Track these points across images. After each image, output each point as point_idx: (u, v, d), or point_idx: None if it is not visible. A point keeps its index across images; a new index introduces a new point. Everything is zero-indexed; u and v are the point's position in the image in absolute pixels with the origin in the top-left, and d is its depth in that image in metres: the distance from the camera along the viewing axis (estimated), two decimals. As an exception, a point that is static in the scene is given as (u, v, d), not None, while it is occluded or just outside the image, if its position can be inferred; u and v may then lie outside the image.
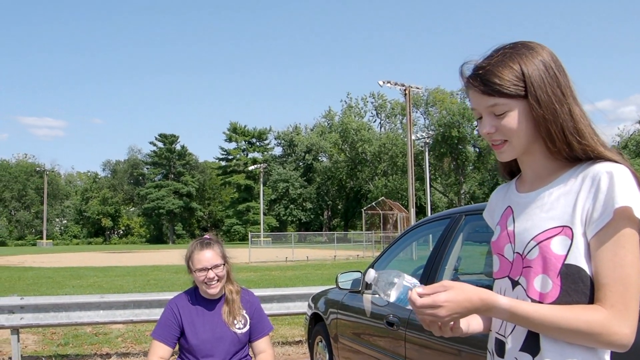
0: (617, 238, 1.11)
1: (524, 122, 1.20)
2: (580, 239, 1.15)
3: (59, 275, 19.48)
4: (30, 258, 35.57)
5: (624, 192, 1.11)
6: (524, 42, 1.26)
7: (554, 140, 1.20)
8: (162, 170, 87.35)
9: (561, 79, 1.22)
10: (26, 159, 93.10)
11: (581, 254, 1.15)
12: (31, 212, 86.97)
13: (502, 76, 1.19)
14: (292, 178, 78.52)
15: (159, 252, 45.10)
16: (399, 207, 43.49)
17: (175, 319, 2.73)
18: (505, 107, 1.20)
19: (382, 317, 3.43)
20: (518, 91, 1.19)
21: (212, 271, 2.67)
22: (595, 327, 1.09)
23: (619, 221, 1.11)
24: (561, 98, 1.20)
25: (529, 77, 1.19)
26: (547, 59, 1.22)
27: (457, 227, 3.06)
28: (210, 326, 2.72)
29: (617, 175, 1.13)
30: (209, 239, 2.79)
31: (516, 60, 1.20)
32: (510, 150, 1.24)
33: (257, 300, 2.91)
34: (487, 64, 1.22)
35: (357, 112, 75.49)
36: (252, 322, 2.81)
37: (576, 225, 1.16)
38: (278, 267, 24.22)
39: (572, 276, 1.15)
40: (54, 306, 6.21)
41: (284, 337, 7.59)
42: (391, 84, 30.89)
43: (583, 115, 1.23)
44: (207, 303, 2.78)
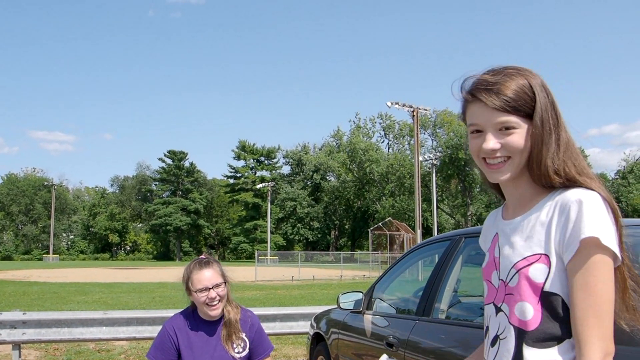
0: (587, 267, 1.12)
1: (528, 142, 1.21)
2: (557, 266, 1.17)
3: (64, 291, 19.50)
4: (35, 273, 35.65)
5: (591, 222, 1.12)
6: (518, 66, 1.27)
7: (540, 164, 1.21)
8: (170, 186, 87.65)
9: (555, 103, 1.24)
10: (34, 173, 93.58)
11: (558, 282, 1.17)
12: (38, 227, 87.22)
13: (518, 93, 1.20)
14: (300, 197, 78.53)
15: (166, 269, 45.09)
16: (406, 227, 43.33)
17: (171, 342, 2.65)
18: (516, 125, 1.21)
19: (382, 337, 3.42)
20: (529, 110, 1.21)
21: (214, 290, 2.58)
22: None
23: (589, 250, 1.11)
24: (556, 122, 1.22)
25: (538, 97, 1.21)
26: (543, 83, 1.25)
27: (457, 249, 3.06)
28: (208, 350, 2.64)
29: (585, 204, 1.14)
30: (206, 258, 2.72)
31: (526, 80, 1.22)
32: (511, 169, 1.23)
33: (258, 321, 2.83)
34: (499, 80, 1.22)
35: (365, 133, 75.70)
36: (253, 344, 2.74)
37: (552, 253, 1.18)
38: (284, 286, 24.12)
39: (552, 303, 1.17)
40: (57, 322, 6.21)
41: (287, 356, 7.55)
42: (399, 105, 31.06)
43: (569, 142, 1.24)
44: (206, 325, 2.69)
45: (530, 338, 1.20)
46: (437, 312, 3.04)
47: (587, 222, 1.12)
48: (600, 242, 1.11)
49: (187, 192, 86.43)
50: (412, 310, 3.35)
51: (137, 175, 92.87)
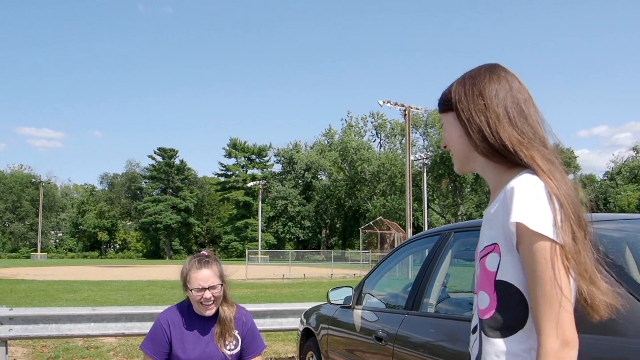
0: (531, 254, 1.12)
1: (456, 132, 1.33)
2: (508, 254, 1.18)
3: (52, 289, 19.34)
4: (23, 271, 35.33)
5: (519, 208, 1.13)
6: (483, 65, 1.37)
7: (477, 144, 1.28)
8: (160, 184, 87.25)
9: (487, 92, 1.29)
10: (22, 170, 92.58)
11: (510, 270, 1.18)
12: (25, 224, 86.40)
13: (445, 93, 1.37)
14: (291, 196, 78.49)
15: (156, 267, 44.86)
16: (397, 227, 43.46)
17: (164, 335, 2.66)
18: (445, 120, 1.37)
19: (372, 332, 3.42)
20: (448, 104, 1.35)
21: (209, 291, 2.58)
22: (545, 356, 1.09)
23: (528, 237, 1.12)
24: (480, 109, 1.28)
25: (455, 93, 1.33)
26: (473, 75, 1.33)
27: (446, 244, 3.06)
28: (199, 345, 2.65)
29: (516, 190, 1.16)
30: (207, 257, 2.71)
31: (455, 81, 1.36)
32: (455, 159, 1.37)
33: (251, 319, 2.84)
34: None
35: (357, 132, 75.78)
36: (245, 342, 2.74)
37: (502, 241, 1.19)
38: (274, 284, 24.09)
39: (504, 291, 1.19)
40: (44, 318, 6.15)
41: (277, 353, 7.54)
42: (391, 103, 31.10)
43: (507, 127, 1.25)
44: (199, 321, 2.70)
45: (486, 327, 1.22)
46: (426, 306, 3.05)
47: (515, 208, 1.14)
48: (529, 228, 1.11)
49: (178, 190, 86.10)
50: (402, 305, 3.35)
51: (127, 173, 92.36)
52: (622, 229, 2.64)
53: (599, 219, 2.57)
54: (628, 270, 2.18)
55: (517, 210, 1.13)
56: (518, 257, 1.17)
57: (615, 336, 1.80)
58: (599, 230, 2.33)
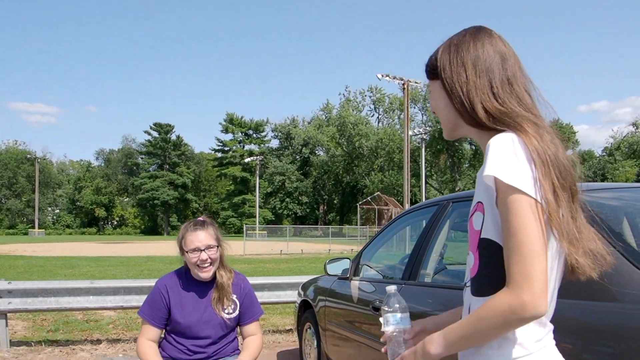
0: (507, 208, 1.11)
1: (442, 100, 1.31)
2: (491, 212, 1.17)
3: (50, 264, 19.42)
4: (21, 247, 35.43)
5: (493, 162, 1.13)
6: (469, 27, 1.33)
7: (463, 115, 1.26)
8: (156, 160, 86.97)
9: (470, 57, 1.26)
10: (16, 146, 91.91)
11: (492, 227, 1.17)
12: (22, 201, 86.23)
13: (430, 60, 1.35)
14: (289, 171, 78.44)
15: (154, 243, 45.06)
16: (394, 202, 43.60)
17: (162, 300, 2.67)
18: (432, 88, 1.35)
19: (369, 302, 3.44)
20: (434, 72, 1.32)
21: (205, 252, 2.60)
22: (500, 309, 1.08)
23: (505, 190, 1.11)
24: (462, 74, 1.26)
25: (440, 60, 1.30)
26: (459, 42, 1.30)
27: (444, 214, 3.05)
28: (198, 309, 2.66)
29: (492, 146, 1.15)
30: (203, 220, 2.73)
31: (442, 44, 1.33)
32: (444, 126, 1.35)
33: (249, 285, 2.86)
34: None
35: (355, 106, 75.38)
36: (243, 306, 2.76)
37: (485, 199, 1.19)
38: (272, 259, 24.23)
39: (486, 249, 1.18)
40: (43, 291, 6.18)
41: (275, 325, 7.61)
42: (390, 77, 30.82)
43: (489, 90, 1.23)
44: (197, 285, 2.71)
45: (473, 286, 1.23)
46: (424, 276, 3.05)
47: (490, 162, 1.13)
48: (503, 181, 1.10)
49: (174, 166, 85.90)
50: (399, 275, 3.36)
51: (123, 149, 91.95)
52: (620, 198, 2.65)
53: (596, 188, 2.57)
54: (625, 237, 2.18)
55: (491, 164, 1.13)
56: (498, 214, 1.15)
57: (611, 302, 1.81)
58: (597, 198, 2.34)
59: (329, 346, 4.25)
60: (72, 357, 5.94)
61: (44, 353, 6.03)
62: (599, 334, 1.81)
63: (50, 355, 5.99)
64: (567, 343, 1.89)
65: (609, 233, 2.01)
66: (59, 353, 6.06)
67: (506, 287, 1.09)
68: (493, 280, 1.15)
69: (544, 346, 1.17)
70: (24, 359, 5.82)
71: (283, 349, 6.34)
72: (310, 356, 4.78)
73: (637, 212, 2.72)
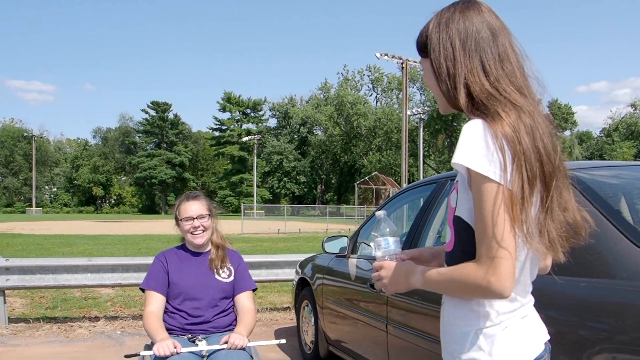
0: (478, 192, 1.15)
1: (432, 79, 1.30)
2: (464, 192, 1.23)
3: (48, 243, 19.45)
4: (19, 225, 35.42)
5: (461, 148, 1.16)
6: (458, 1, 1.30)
7: (447, 93, 1.26)
8: (154, 139, 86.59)
9: (459, 34, 1.23)
10: (13, 124, 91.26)
11: (463, 206, 1.23)
12: (19, 179, 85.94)
13: (421, 37, 1.31)
14: (287, 151, 78.28)
15: (151, 222, 45.13)
16: (392, 182, 43.61)
17: (163, 267, 2.85)
18: (425, 65, 1.33)
19: (366, 280, 3.45)
20: (424, 51, 1.30)
21: (198, 220, 2.82)
22: (467, 280, 1.16)
23: (474, 176, 1.15)
24: (450, 53, 1.23)
25: (429, 38, 1.28)
26: (448, 18, 1.26)
27: (442, 192, 3.05)
28: (195, 272, 2.84)
29: (463, 132, 1.18)
30: (196, 193, 2.98)
31: (430, 20, 1.30)
32: (439, 102, 1.33)
33: (242, 259, 3.04)
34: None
35: (353, 85, 74.91)
36: (237, 275, 2.92)
37: (460, 179, 1.24)
38: (270, 238, 24.33)
39: (459, 226, 1.25)
40: (40, 268, 6.18)
41: (272, 303, 7.65)
42: (389, 56, 30.57)
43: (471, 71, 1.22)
44: (194, 255, 2.92)
45: (448, 260, 1.31)
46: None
47: (459, 148, 1.17)
48: (471, 169, 1.14)
49: (172, 145, 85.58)
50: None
51: (120, 127, 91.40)
52: (618, 176, 2.64)
53: (594, 165, 2.56)
54: (623, 215, 2.18)
55: (460, 151, 1.16)
56: (471, 196, 1.19)
57: (609, 279, 1.81)
58: (595, 176, 2.33)
59: (327, 323, 4.27)
60: (71, 334, 5.97)
61: (42, 330, 6.07)
62: (596, 311, 1.81)
63: (49, 332, 6.02)
64: (564, 319, 1.89)
65: (605, 210, 2.00)
66: (57, 330, 6.09)
67: (476, 262, 1.16)
68: (465, 256, 1.21)
69: (511, 318, 1.24)
70: (22, 335, 5.85)
71: (280, 326, 6.39)
72: (307, 333, 4.81)
73: (635, 189, 2.73)
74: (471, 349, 1.24)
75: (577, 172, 2.27)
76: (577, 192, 2.08)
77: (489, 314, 1.23)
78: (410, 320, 2.86)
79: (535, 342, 1.27)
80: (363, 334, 3.56)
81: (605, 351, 1.71)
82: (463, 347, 1.25)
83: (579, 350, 1.78)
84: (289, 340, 5.44)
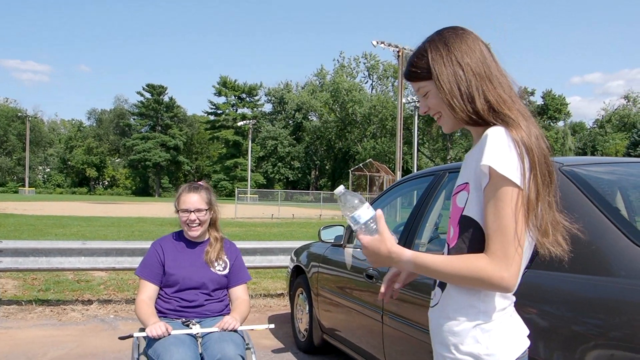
0: (497, 193, 1.24)
1: (438, 98, 1.38)
2: (475, 193, 1.32)
3: (41, 223, 19.37)
4: (11, 205, 35.27)
5: (490, 152, 1.25)
6: (445, 28, 1.42)
7: (455, 112, 1.35)
8: (149, 121, 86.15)
9: (463, 58, 1.34)
10: (7, 104, 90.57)
11: (474, 207, 1.31)
12: (13, 159, 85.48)
13: (416, 61, 1.40)
14: (281, 136, 78.09)
15: (145, 205, 45.02)
16: (386, 169, 43.66)
17: (158, 257, 2.84)
18: (427, 88, 1.40)
19: (362, 270, 3.46)
20: (427, 74, 1.38)
21: (194, 214, 2.81)
22: (478, 272, 1.24)
23: (496, 179, 1.24)
24: (460, 76, 1.34)
25: (432, 61, 1.36)
26: (447, 40, 1.37)
27: (440, 185, 3.04)
28: (191, 263, 2.84)
29: (490, 137, 1.28)
30: (199, 184, 2.94)
31: (424, 44, 1.40)
32: (447, 122, 1.41)
33: (239, 252, 3.04)
34: (412, 53, 1.43)
35: (349, 72, 74.65)
36: (233, 268, 2.92)
37: (472, 181, 1.33)
38: (263, 223, 24.34)
39: (466, 225, 1.33)
40: (34, 251, 6.15)
41: (266, 289, 7.67)
42: (385, 44, 30.44)
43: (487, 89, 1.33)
44: (191, 244, 2.91)
45: (450, 254, 1.36)
46: (418, 246, 3.06)
47: (487, 152, 1.26)
48: (497, 171, 1.23)
49: (167, 128, 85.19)
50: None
51: (115, 109, 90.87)
52: (613, 172, 2.65)
53: (590, 162, 2.56)
54: (620, 212, 2.18)
55: (488, 154, 1.25)
56: (483, 197, 1.29)
57: (608, 276, 1.82)
58: (592, 172, 2.33)
59: (321, 311, 4.29)
60: (63, 317, 5.97)
61: (35, 312, 6.06)
62: (591, 307, 1.82)
63: (41, 314, 6.01)
64: (558, 314, 1.90)
65: (604, 207, 2.01)
66: (50, 313, 6.08)
67: (488, 258, 1.24)
68: (465, 251, 1.31)
69: (504, 314, 1.34)
70: (15, 318, 5.83)
71: (274, 312, 6.41)
72: (302, 321, 4.83)
73: (630, 186, 2.74)
74: (470, 342, 1.31)
75: (575, 168, 2.27)
76: (574, 189, 2.10)
77: (488, 310, 1.32)
78: (407, 311, 2.87)
79: (523, 336, 1.37)
80: (358, 324, 3.57)
81: (600, 347, 1.73)
82: (462, 341, 1.32)
83: (573, 346, 1.80)
84: (283, 327, 5.47)
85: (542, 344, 1.88)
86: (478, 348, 1.30)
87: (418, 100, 1.48)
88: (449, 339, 1.34)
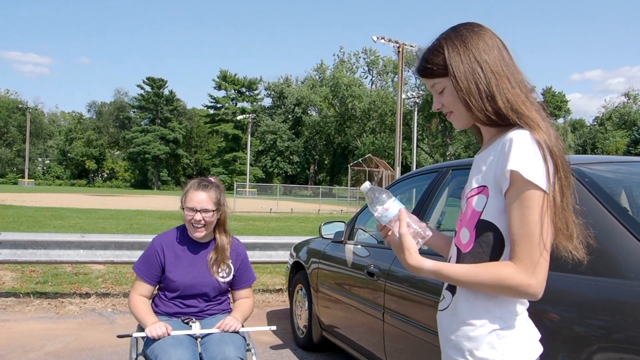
0: (522, 198, 1.22)
1: (451, 97, 1.36)
2: (495, 197, 1.29)
3: (40, 215, 19.34)
4: (11, 196, 35.20)
5: (516, 157, 1.23)
6: (461, 24, 1.39)
7: (472, 111, 1.32)
8: (148, 114, 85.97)
9: (481, 56, 1.32)
10: (8, 95, 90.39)
11: (494, 211, 1.29)
12: (13, 150, 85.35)
13: (431, 57, 1.37)
14: (281, 130, 77.98)
15: (144, 197, 44.96)
16: (385, 165, 43.64)
17: (158, 258, 2.70)
18: (442, 85, 1.37)
19: (363, 267, 3.43)
20: (443, 71, 1.35)
21: (200, 214, 2.63)
22: (505, 281, 1.22)
23: (520, 183, 1.22)
24: (479, 73, 1.31)
25: (449, 58, 1.33)
26: (464, 37, 1.34)
27: (443, 182, 3.01)
28: (192, 269, 2.69)
29: (515, 141, 1.25)
30: (208, 182, 2.73)
31: (439, 41, 1.37)
32: (460, 119, 1.39)
33: (245, 251, 2.90)
34: (425, 49, 1.41)
35: (349, 67, 74.45)
36: (237, 272, 2.79)
37: (491, 185, 1.30)
38: (262, 217, 24.32)
39: (484, 229, 1.30)
40: (33, 243, 6.12)
41: (265, 285, 7.65)
42: (385, 40, 30.42)
43: (506, 87, 1.30)
44: (195, 245, 2.74)
45: (464, 260, 1.34)
46: (420, 243, 3.02)
47: (513, 157, 1.23)
48: (523, 176, 1.21)
49: (166, 121, 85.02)
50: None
51: (115, 102, 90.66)
52: (616, 171, 2.63)
53: (594, 161, 2.53)
54: (630, 213, 2.16)
55: (514, 159, 1.22)
56: (503, 202, 1.26)
57: (617, 278, 1.79)
58: (596, 171, 2.30)
59: (321, 308, 4.26)
60: (61, 310, 5.94)
61: (32, 305, 6.03)
62: (600, 309, 1.79)
63: (39, 307, 5.98)
64: (567, 316, 1.88)
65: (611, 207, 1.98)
66: (48, 305, 6.05)
67: (514, 265, 1.22)
68: (483, 256, 1.30)
69: (520, 319, 1.32)
70: (12, 310, 5.80)
71: (273, 308, 6.39)
72: (301, 317, 4.80)
73: (635, 186, 2.71)
74: (486, 348, 1.29)
75: (582, 167, 2.24)
76: (582, 188, 2.06)
77: (504, 316, 1.30)
78: (410, 310, 2.84)
79: (537, 342, 1.35)
80: (358, 321, 3.54)
81: (610, 350, 1.70)
82: (477, 346, 1.30)
83: (582, 348, 1.77)
84: (282, 323, 5.44)
85: (551, 346, 1.85)
86: (494, 354, 1.28)
87: (418, 96, 1.44)
88: (463, 344, 1.32)
